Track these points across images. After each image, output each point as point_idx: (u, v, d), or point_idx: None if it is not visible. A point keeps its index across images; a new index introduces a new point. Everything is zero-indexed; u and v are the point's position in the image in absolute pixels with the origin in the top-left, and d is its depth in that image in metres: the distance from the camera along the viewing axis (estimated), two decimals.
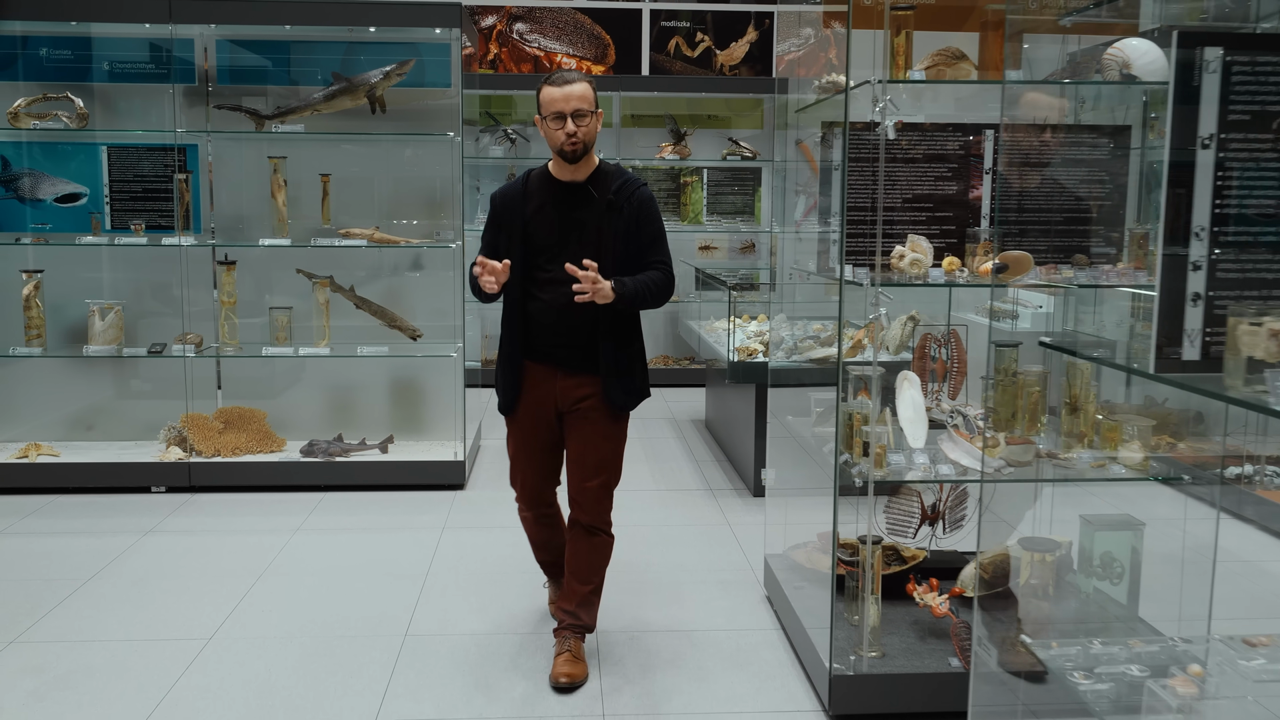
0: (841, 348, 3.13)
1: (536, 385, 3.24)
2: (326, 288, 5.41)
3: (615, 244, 3.15)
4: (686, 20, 8.65)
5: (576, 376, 3.21)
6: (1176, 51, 1.47)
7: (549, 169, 3.24)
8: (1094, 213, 2.71)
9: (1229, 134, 1.46)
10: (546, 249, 3.17)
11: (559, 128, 3.07)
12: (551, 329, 3.18)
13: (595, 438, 3.24)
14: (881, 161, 2.97)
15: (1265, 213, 1.45)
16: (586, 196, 3.17)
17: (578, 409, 3.22)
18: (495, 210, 3.27)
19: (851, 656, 3.06)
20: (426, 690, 3.17)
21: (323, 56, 5.42)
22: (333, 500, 5.11)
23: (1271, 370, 1.33)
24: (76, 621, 3.65)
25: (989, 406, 3.20)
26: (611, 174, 3.22)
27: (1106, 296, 2.86)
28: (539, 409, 3.25)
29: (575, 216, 3.17)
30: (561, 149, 3.10)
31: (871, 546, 3.09)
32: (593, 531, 3.29)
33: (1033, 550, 3.06)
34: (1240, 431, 3.11)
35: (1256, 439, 3.06)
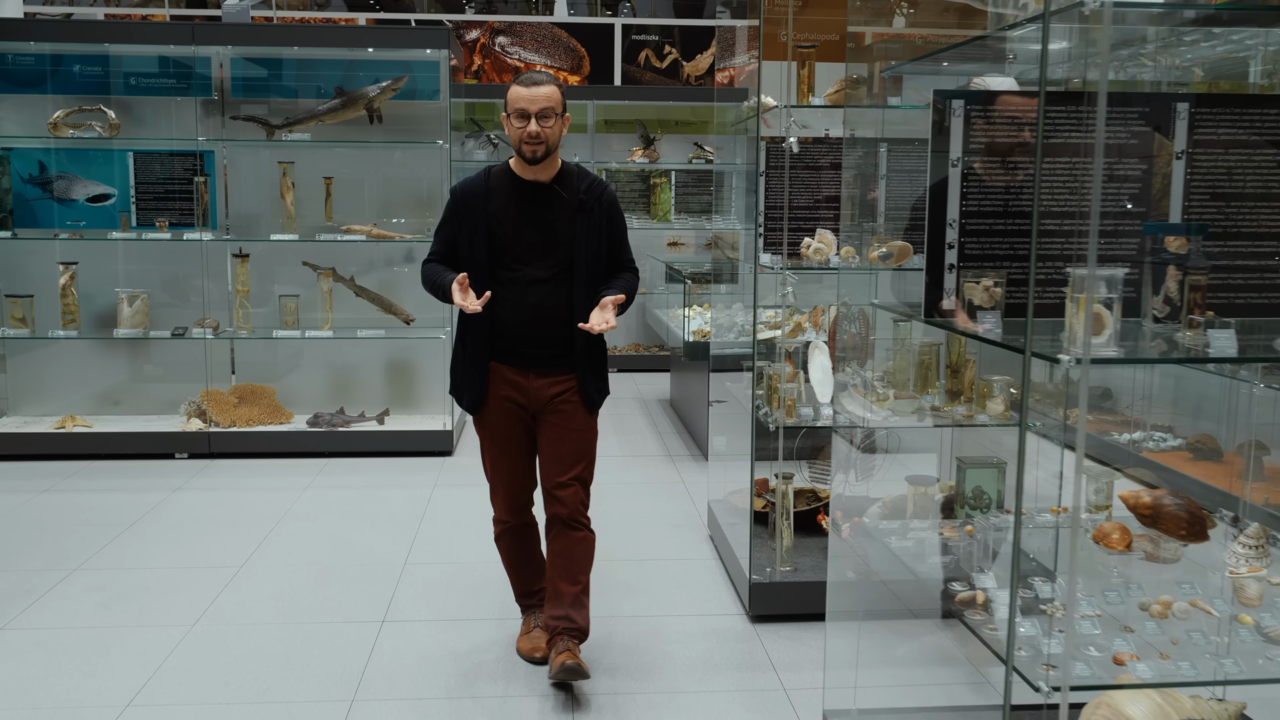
0: (756, 325, 3.86)
1: (507, 385, 3.21)
2: (329, 278, 6.11)
3: (587, 243, 3.15)
4: (655, 34, 9.38)
5: (550, 375, 3.20)
6: (934, 101, 2.20)
7: (511, 166, 3.20)
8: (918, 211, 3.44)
9: (969, 157, 2.19)
10: (514, 248, 3.14)
11: (521, 126, 3.03)
12: (521, 329, 3.16)
13: (571, 432, 3.22)
14: (787, 169, 3.70)
15: (987, 210, 2.17)
16: (553, 196, 3.15)
17: (552, 406, 3.21)
18: (456, 205, 3.21)
19: (768, 569, 3.79)
20: (425, 601, 3.88)
21: (326, 73, 6.12)
22: (336, 464, 5.81)
23: (982, 312, 2.06)
24: (128, 554, 4.35)
25: (886, 370, 3.93)
26: (576, 174, 3.21)
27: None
28: (514, 409, 3.22)
29: (544, 217, 3.15)
30: (520, 148, 3.06)
31: (782, 480, 3.83)
32: (573, 525, 3.23)
33: (915, 485, 3.80)
34: (1140, 405, 3.86)
35: (1151, 411, 3.80)
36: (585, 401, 3.23)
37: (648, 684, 3.24)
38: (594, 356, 3.24)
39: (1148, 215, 2.20)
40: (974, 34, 2.17)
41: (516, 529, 3.40)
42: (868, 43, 3.89)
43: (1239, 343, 1.88)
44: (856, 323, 4.44)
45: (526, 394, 3.21)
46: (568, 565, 3.22)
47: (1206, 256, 2.11)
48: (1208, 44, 2.42)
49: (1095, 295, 1.77)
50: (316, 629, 3.63)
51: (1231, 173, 2.20)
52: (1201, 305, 1.98)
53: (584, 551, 3.25)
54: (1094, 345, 1.77)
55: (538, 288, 3.13)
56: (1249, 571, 2.20)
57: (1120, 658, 1.88)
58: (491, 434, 3.28)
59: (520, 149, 3.07)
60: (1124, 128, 2.20)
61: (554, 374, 3.20)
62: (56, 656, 3.40)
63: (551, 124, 3.05)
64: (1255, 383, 3.42)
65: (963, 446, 4.23)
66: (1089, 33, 1.75)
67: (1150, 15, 2.13)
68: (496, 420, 3.24)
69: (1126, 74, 2.70)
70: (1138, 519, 2.27)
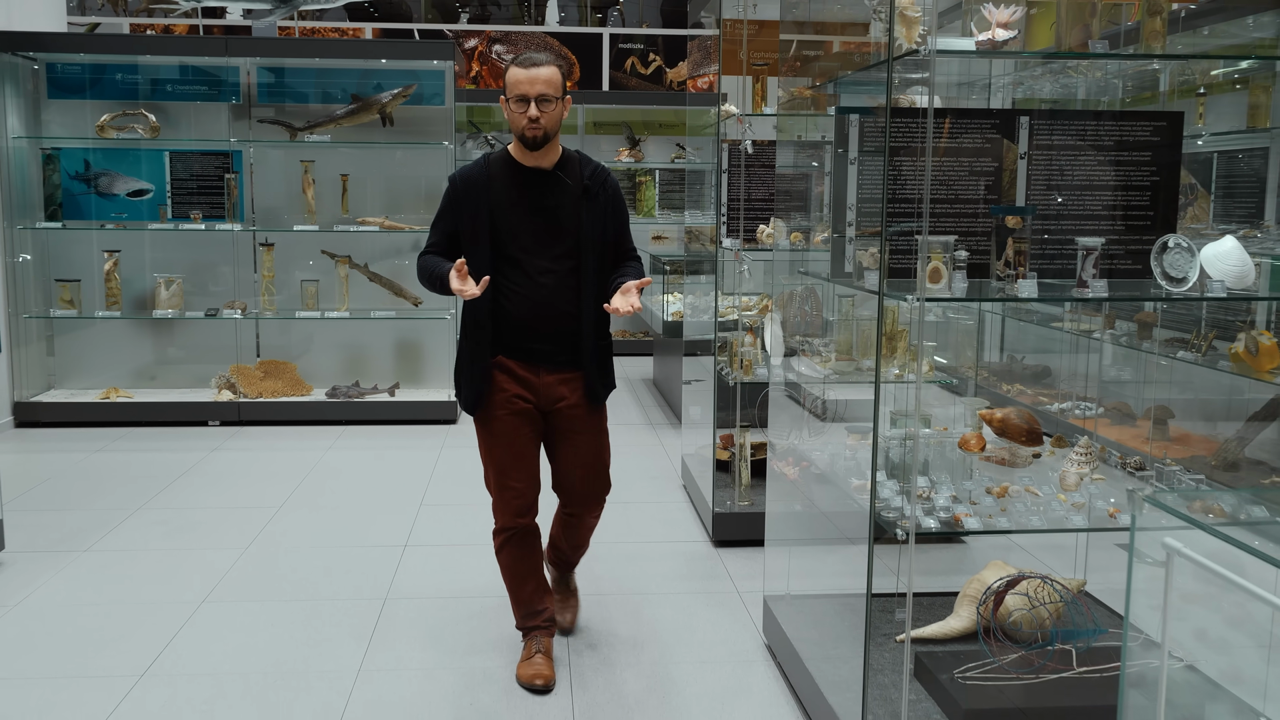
0: (717, 296, 4.58)
1: (514, 382, 3.08)
2: (346, 265, 6.81)
3: (593, 231, 3.04)
4: (641, 43, 10.10)
5: (559, 372, 3.10)
6: (836, 115, 2.92)
7: (510, 153, 3.08)
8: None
9: (862, 157, 2.91)
10: (518, 237, 3.01)
11: (522, 111, 2.90)
12: (528, 323, 3.03)
13: (590, 431, 3.17)
14: (742, 167, 4.42)
15: (875, 196, 2.89)
16: (556, 183, 3.03)
17: (561, 405, 3.12)
18: (455, 194, 3.08)
19: (728, 503, 4.52)
20: (441, 530, 4.60)
21: (342, 81, 6.82)
22: (352, 431, 6.51)
23: (868, 272, 2.78)
24: (180, 498, 5.05)
25: (831, 338, 4.65)
26: (578, 160, 3.10)
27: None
28: (523, 407, 3.09)
29: (546, 204, 3.03)
30: (522, 133, 2.94)
31: (740, 429, 4.55)
32: (588, 520, 3.39)
33: (854, 433, 4.53)
34: (1073, 378, 4.60)
35: (1081, 384, 4.52)
36: (592, 397, 3.14)
37: (627, 588, 3.96)
38: (600, 350, 3.14)
39: (999, 201, 2.92)
40: (864, 68, 2.89)
41: (521, 535, 3.19)
42: (835, 49, 4.60)
43: (1039, 291, 2.60)
44: (809, 300, 5.19)
45: (536, 391, 3.08)
46: (573, 532, 3.41)
47: (1036, 232, 2.83)
48: (1041, 77, 3.15)
49: (934, 254, 2.49)
50: (349, 551, 4.34)
51: (1061, 169, 2.93)
52: (1025, 266, 2.70)
53: (589, 527, 3.42)
54: (932, 290, 2.49)
55: (545, 279, 3.01)
56: (1075, 468, 2.93)
57: (958, 516, 2.60)
58: (498, 435, 3.10)
59: (522, 134, 2.94)
60: (982, 135, 2.92)
61: (562, 370, 3.09)
62: (137, 569, 4.10)
63: (552, 107, 2.92)
64: (1101, 337, 4.21)
65: (896, 402, 5.00)
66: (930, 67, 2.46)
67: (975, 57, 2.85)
68: (504, 420, 3.08)
69: (984, 96, 3.44)
70: (991, 430, 3.01)
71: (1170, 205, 2.98)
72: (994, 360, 6.71)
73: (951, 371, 4.76)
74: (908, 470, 2.78)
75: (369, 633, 3.53)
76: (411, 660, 3.34)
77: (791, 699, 3.12)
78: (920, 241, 2.51)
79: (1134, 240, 2.95)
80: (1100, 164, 2.91)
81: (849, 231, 2.98)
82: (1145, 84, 4.30)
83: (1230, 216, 5.60)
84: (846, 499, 3.12)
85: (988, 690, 2.72)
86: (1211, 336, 4.35)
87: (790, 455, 4.11)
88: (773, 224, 4.65)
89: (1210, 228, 5.23)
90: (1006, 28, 2.47)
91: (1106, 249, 2.88)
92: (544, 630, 3.23)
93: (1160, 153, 2.94)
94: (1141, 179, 2.94)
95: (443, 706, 3.04)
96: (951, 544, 4.42)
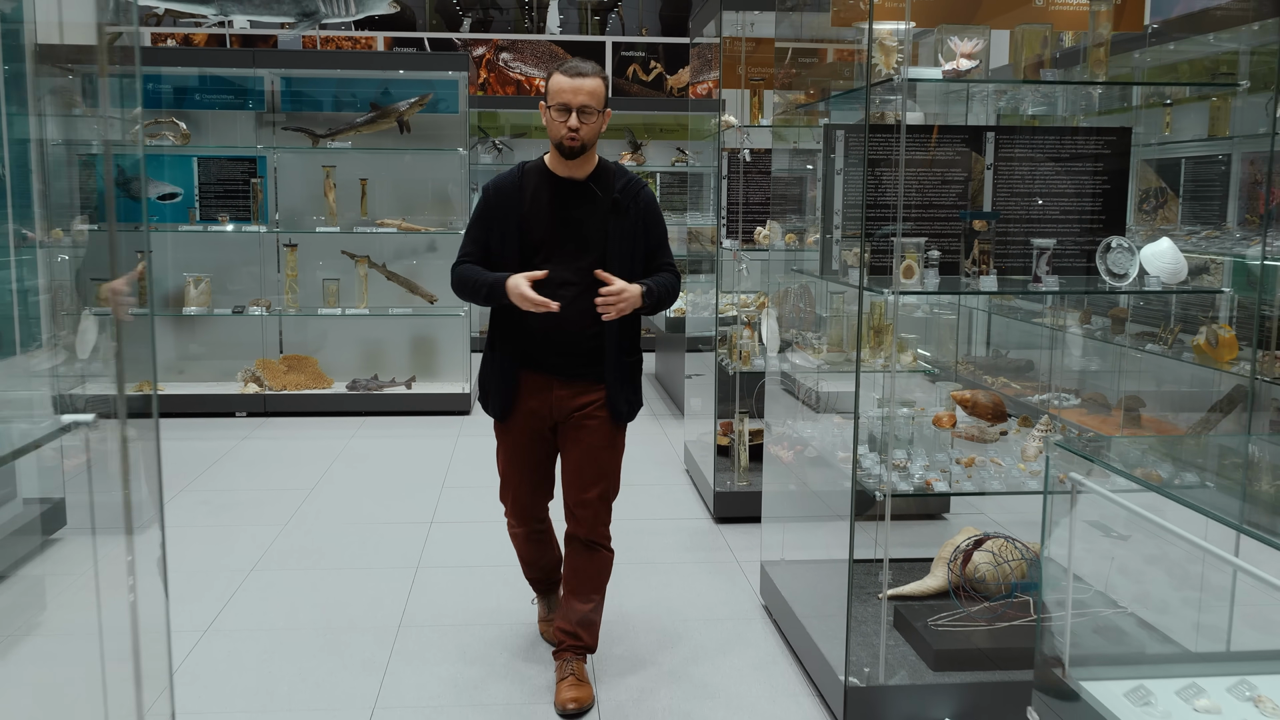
0: (719, 293, 4.97)
1: (532, 395, 3.07)
2: (365, 264, 7.19)
3: (621, 245, 3.01)
4: (642, 51, 10.49)
5: (576, 385, 3.05)
6: (824, 131, 3.31)
7: (546, 163, 3.06)
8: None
9: (847, 169, 3.30)
10: (544, 248, 2.99)
11: (563, 120, 2.89)
12: (547, 336, 3.00)
13: (595, 448, 3.09)
14: (741, 173, 4.81)
15: (858, 203, 3.28)
16: (589, 195, 3.02)
17: (575, 418, 3.07)
18: (488, 204, 3.06)
19: (728, 482, 4.91)
20: (463, 509, 4.98)
21: (362, 90, 7.20)
22: (372, 421, 6.89)
23: (851, 270, 3.16)
24: (218, 481, 5.43)
25: (824, 331, 5.04)
26: (613, 172, 3.08)
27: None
28: (534, 420, 3.09)
29: (575, 215, 3.01)
30: (561, 142, 2.92)
31: (739, 414, 4.94)
32: (591, 546, 3.17)
33: (842, 414, 4.92)
34: (1053, 371, 4.98)
35: (1061, 377, 4.89)
36: (613, 414, 3.08)
37: (637, 559, 4.34)
38: (624, 365, 3.08)
39: (968, 207, 3.31)
40: (847, 91, 3.28)
41: (528, 535, 3.32)
42: (845, 52, 4.96)
43: (999, 285, 3.00)
44: (803, 297, 5.58)
45: (549, 404, 3.07)
46: (583, 584, 3.18)
47: (999, 234, 3.22)
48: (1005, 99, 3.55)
49: (908, 254, 2.87)
50: (380, 527, 4.72)
51: (1022, 179, 3.32)
52: (989, 264, 3.09)
53: (601, 571, 3.20)
54: (905, 285, 2.88)
55: (567, 291, 2.95)
56: (1035, 442, 3.32)
57: (929, 481, 2.99)
58: (509, 444, 3.16)
59: (560, 143, 2.93)
60: (953, 149, 3.31)
61: (580, 384, 3.05)
62: (188, 542, 4.48)
63: (592, 119, 2.92)
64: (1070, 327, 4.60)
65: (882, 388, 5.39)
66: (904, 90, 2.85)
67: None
68: (517, 430, 3.12)
69: (972, 106, 3.83)
70: (961, 409, 3.40)
71: (1119, 210, 3.38)
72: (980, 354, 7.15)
73: (934, 363, 5.15)
74: (885, 444, 3.17)
75: (405, 595, 3.92)
76: (445, 618, 3.73)
77: (786, 649, 3.51)
78: (895, 243, 2.90)
79: (1087, 241, 3.34)
80: (1057, 173, 3.30)
81: (836, 234, 3.37)
82: (1114, 99, 4.70)
83: (1197, 218, 6.01)
84: (835, 479, 3.50)
85: (956, 634, 3.11)
86: (1177, 330, 4.74)
87: (785, 440, 4.50)
88: (769, 226, 5.04)
89: (1179, 228, 5.65)
90: (969, 58, 2.86)
91: (1063, 249, 3.28)
92: (574, 652, 3.17)
93: (1110, 162, 3.33)
94: (1094, 186, 3.33)
95: (477, 653, 3.43)
96: (933, 519, 4.82)
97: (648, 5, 10.53)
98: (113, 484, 2.08)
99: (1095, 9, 3.06)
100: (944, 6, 3.24)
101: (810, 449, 4.25)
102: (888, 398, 3.32)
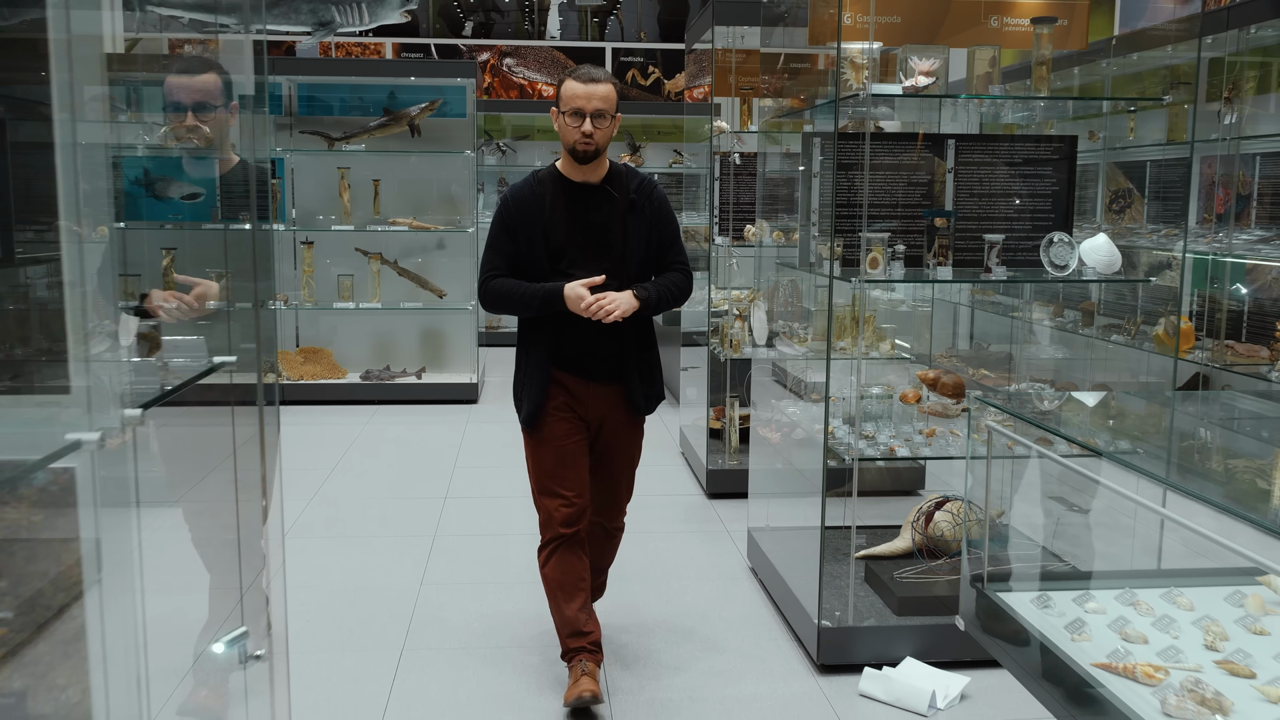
0: (710, 289, 5.36)
1: (565, 393, 3.12)
2: (378, 261, 7.59)
3: (638, 245, 3.08)
4: (640, 56, 10.90)
5: (604, 385, 3.14)
6: (803, 138, 3.70)
7: (559, 169, 3.11)
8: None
9: (822, 172, 3.69)
10: (567, 253, 3.05)
11: (576, 125, 2.93)
12: (579, 337, 3.06)
13: (620, 442, 3.22)
14: (732, 175, 5.21)
15: (840, 203, 3.67)
16: (605, 197, 3.07)
17: (604, 417, 3.17)
18: (509, 215, 3.08)
19: (720, 461, 5.30)
20: (475, 486, 5.38)
21: (375, 96, 7.60)
22: (384, 409, 7.29)
23: (825, 261, 3.55)
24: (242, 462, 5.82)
25: (809, 323, 5.43)
26: (625, 174, 3.13)
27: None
28: (573, 418, 3.13)
29: (595, 219, 3.07)
30: (574, 147, 2.97)
31: (730, 398, 5.34)
32: (610, 533, 3.37)
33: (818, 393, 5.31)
34: (1029, 362, 5.37)
35: (1036, 366, 5.27)
36: (632, 408, 3.18)
37: (636, 529, 4.69)
38: (643, 361, 3.17)
39: (931, 205, 3.70)
40: (821, 104, 3.67)
41: (568, 543, 3.12)
42: (821, 67, 5.34)
43: (954, 275, 3.40)
44: (791, 291, 5.97)
45: (584, 403, 3.13)
46: (599, 558, 3.37)
47: (959, 231, 3.62)
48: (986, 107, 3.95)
49: (875, 248, 3.27)
50: (398, 502, 5.12)
51: (980, 181, 3.71)
52: (947, 257, 3.48)
53: (614, 545, 3.42)
54: (870, 275, 3.28)
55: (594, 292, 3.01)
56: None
57: (893, 448, 3.39)
58: (548, 441, 3.12)
59: (573, 148, 2.99)
60: (918, 155, 3.71)
61: (607, 382, 3.14)
62: None
63: (605, 124, 2.97)
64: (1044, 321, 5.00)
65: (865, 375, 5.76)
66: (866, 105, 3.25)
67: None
68: (554, 427, 3.11)
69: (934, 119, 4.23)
70: (925, 387, 3.80)
71: (1066, 208, 3.77)
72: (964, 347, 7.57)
73: (913, 352, 5.54)
74: (855, 418, 3.56)
75: (424, 559, 4.32)
76: (461, 576, 4.13)
77: (769, 603, 3.91)
78: (862, 238, 3.30)
79: (1038, 237, 3.74)
80: (1010, 176, 3.70)
81: (813, 230, 3.77)
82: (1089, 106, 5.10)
83: (1160, 217, 6.43)
84: (815, 455, 3.90)
85: (918, 585, 3.51)
86: (1140, 322, 5.15)
87: (772, 423, 4.89)
88: (757, 224, 5.43)
89: (1144, 226, 6.06)
90: (928, 75, 3.26)
91: (1016, 243, 3.68)
92: (589, 654, 3.10)
93: (1058, 166, 3.73)
94: (1043, 188, 3.73)
95: (493, 603, 3.83)
96: (908, 495, 5.21)
97: (646, 10, 10.93)
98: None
99: (1039, 32, 3.45)
100: (909, 28, 3.64)
101: (799, 430, 4.64)
102: (861, 379, 3.71)
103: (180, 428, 2.55)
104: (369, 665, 3.39)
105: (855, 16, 3.42)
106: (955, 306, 7.42)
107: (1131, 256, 5.57)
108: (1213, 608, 2.00)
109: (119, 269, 2.46)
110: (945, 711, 3.09)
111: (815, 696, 3.20)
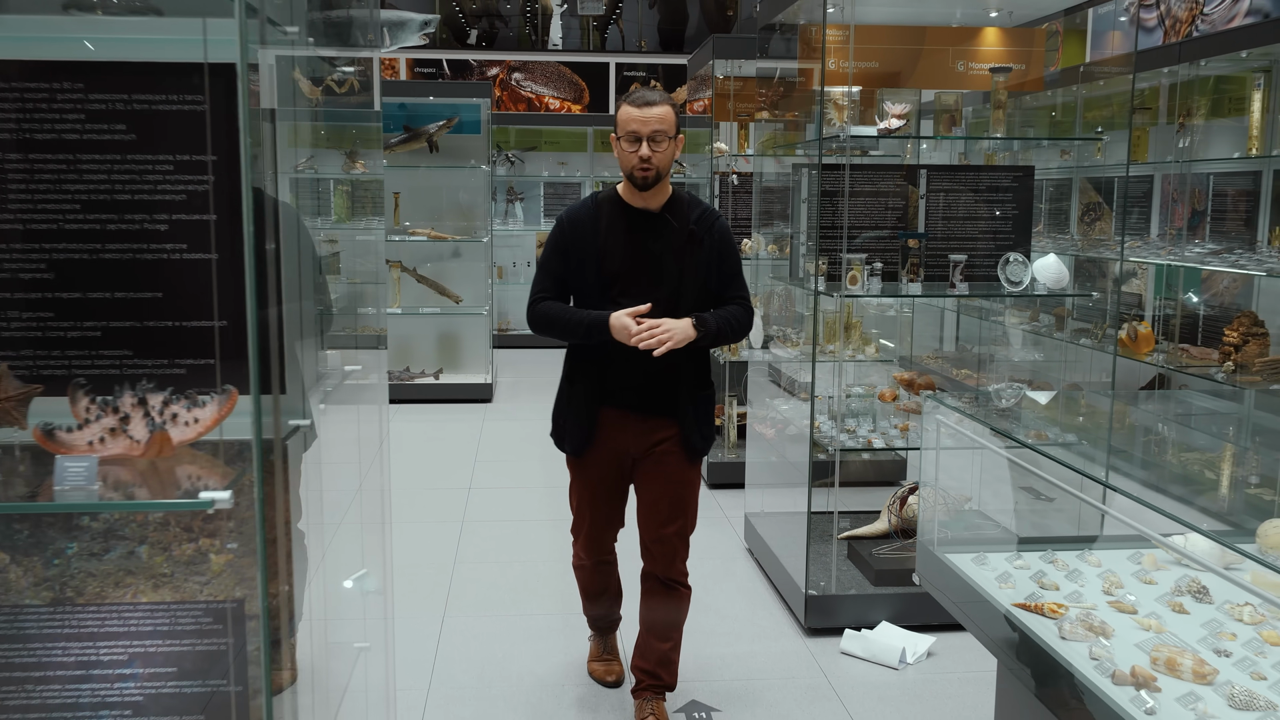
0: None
1: (611, 430, 3.01)
2: (398, 269, 8.09)
3: (693, 278, 2.95)
4: (643, 71, 11.41)
5: (652, 420, 3.00)
6: (793, 168, 4.21)
7: (619, 193, 2.99)
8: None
9: (809, 197, 4.20)
10: (620, 280, 2.92)
11: (633, 150, 2.82)
12: (629, 369, 2.92)
13: (672, 483, 3.04)
14: (731, 192, 5.72)
15: (824, 225, 4.18)
16: (664, 225, 2.94)
17: (653, 454, 3.01)
18: (563, 237, 2.98)
19: (719, 454, 5.81)
20: (497, 477, 5.89)
21: (396, 114, 8.10)
22: (404, 408, 7.80)
23: (812, 277, 4.06)
24: None
25: (802, 328, 5.94)
26: (688, 202, 3.01)
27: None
28: (612, 456, 3.04)
29: (653, 248, 2.93)
30: (632, 173, 2.85)
31: (729, 396, 5.85)
32: (669, 585, 3.11)
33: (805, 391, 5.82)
34: (1006, 364, 5.87)
35: (1013, 368, 5.78)
36: (688, 450, 3.03)
37: None
38: (698, 400, 3.04)
39: (905, 228, 4.22)
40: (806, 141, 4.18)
41: (595, 566, 3.27)
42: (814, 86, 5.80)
43: (923, 289, 3.91)
44: (786, 300, 6.48)
45: (626, 439, 3.02)
46: (660, 622, 3.15)
47: (929, 250, 4.13)
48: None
49: (855, 265, 3.78)
50: (425, 492, 5.63)
51: (948, 206, 4.22)
52: (918, 273, 3.99)
53: (679, 610, 3.16)
54: (850, 289, 3.79)
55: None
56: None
57: (869, 440, 3.91)
58: (587, 479, 3.10)
59: (631, 174, 2.87)
60: (895, 183, 4.22)
61: (657, 418, 3.00)
62: None
63: (664, 147, 2.84)
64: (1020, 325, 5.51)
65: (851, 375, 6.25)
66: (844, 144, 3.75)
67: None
68: (597, 465, 3.06)
69: (909, 151, 4.74)
70: (901, 387, 4.31)
71: (1025, 230, 4.28)
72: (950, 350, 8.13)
73: (894, 353, 6.05)
74: (838, 414, 4.08)
75: (455, 540, 4.83)
76: (489, 555, 4.64)
77: (764, 578, 4.42)
78: (843, 257, 3.81)
79: (1000, 255, 4.25)
80: (975, 202, 4.21)
81: (802, 248, 4.28)
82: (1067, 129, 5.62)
83: (1128, 230, 6.95)
84: (804, 449, 4.41)
85: (893, 560, 4.02)
86: (1106, 326, 5.66)
87: (766, 420, 5.40)
88: (753, 237, 5.94)
89: (1112, 238, 6.59)
90: (899, 117, 3.77)
91: (979, 261, 4.19)
92: (653, 691, 3.20)
93: (1018, 193, 4.24)
94: (1005, 213, 4.24)
95: (519, 578, 4.34)
96: (891, 485, 5.72)
97: (646, 20, 11.44)
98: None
99: (996, 79, 3.97)
100: (885, 74, 4.15)
101: (791, 426, 5.14)
102: (846, 380, 4.22)
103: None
104: (420, 625, 3.90)
105: (839, 62, 3.93)
106: (941, 311, 7.94)
107: (1102, 265, 6.12)
108: (1116, 565, 2.51)
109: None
110: (914, 665, 3.61)
111: (802, 654, 3.71)
